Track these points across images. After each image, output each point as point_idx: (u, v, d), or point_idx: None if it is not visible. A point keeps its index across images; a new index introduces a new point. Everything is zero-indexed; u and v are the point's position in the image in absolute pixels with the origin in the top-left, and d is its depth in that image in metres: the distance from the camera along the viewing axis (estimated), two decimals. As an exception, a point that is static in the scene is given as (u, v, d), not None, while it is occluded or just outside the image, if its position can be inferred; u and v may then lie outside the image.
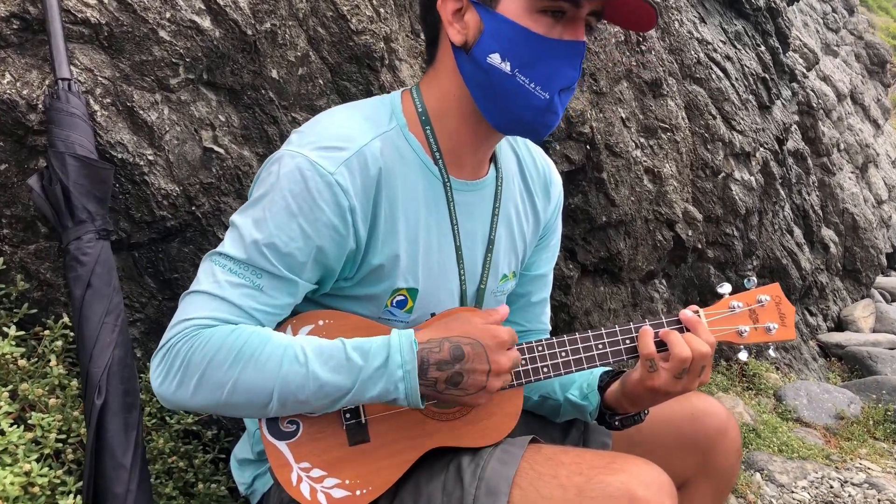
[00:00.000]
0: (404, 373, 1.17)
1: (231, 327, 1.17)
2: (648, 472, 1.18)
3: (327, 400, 1.18)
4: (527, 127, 1.28)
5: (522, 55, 1.21)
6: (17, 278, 1.51)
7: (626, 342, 1.36)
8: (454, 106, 1.32)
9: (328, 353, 1.18)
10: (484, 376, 1.20)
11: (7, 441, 1.28)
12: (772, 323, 1.41)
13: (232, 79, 1.71)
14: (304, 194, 1.19)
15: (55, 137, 1.39)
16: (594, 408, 1.47)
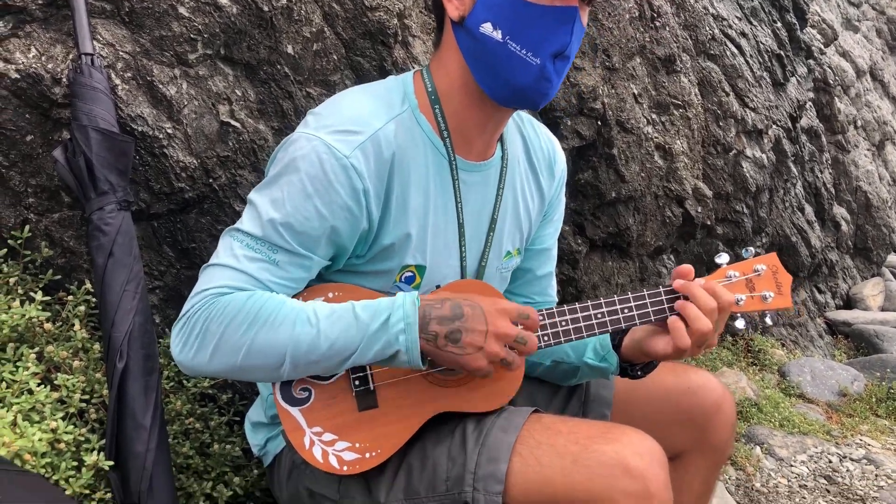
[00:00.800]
0: (406, 325, 1.22)
1: (247, 293, 1.23)
2: (641, 441, 1.23)
3: (337, 358, 1.23)
4: (522, 95, 1.31)
5: (512, 22, 1.24)
6: (42, 245, 1.57)
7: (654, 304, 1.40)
8: (458, 84, 1.36)
9: (338, 314, 1.23)
10: (482, 336, 1.24)
11: (35, 400, 1.35)
12: (768, 291, 1.45)
13: (248, 54, 1.75)
14: (321, 176, 1.24)
15: (79, 111, 1.45)
16: (615, 367, 1.51)
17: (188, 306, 1.25)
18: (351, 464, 1.31)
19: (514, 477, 1.23)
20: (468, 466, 1.26)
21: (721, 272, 1.46)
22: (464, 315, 1.24)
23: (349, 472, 1.31)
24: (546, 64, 1.26)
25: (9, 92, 1.47)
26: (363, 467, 1.31)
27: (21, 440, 1.24)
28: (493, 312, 1.26)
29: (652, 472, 1.19)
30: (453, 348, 1.24)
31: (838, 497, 3.01)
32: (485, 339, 1.24)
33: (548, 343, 1.36)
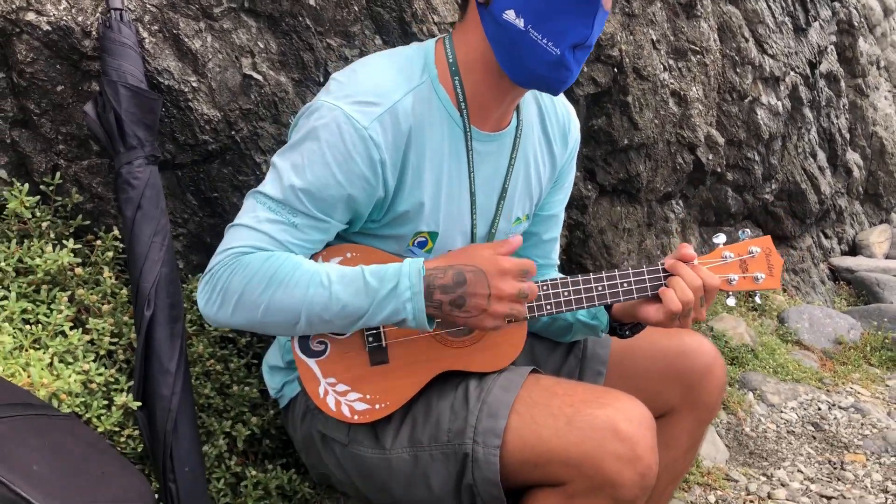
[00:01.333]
0: (412, 294, 1.30)
1: (266, 254, 1.30)
2: (632, 407, 1.32)
3: (348, 320, 1.31)
4: (542, 81, 1.36)
5: (535, 12, 1.27)
6: (73, 191, 1.65)
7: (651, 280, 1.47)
8: (479, 59, 1.40)
9: (349, 278, 1.31)
10: (484, 300, 1.31)
11: (69, 343, 1.45)
12: (760, 273, 1.52)
13: (272, 6, 1.78)
14: (340, 146, 1.30)
15: (108, 66, 1.50)
16: (605, 325, 1.60)
17: (213, 263, 1.33)
18: (361, 413, 1.41)
19: (511, 433, 1.33)
20: (469, 421, 1.36)
21: (717, 252, 1.52)
22: (466, 281, 1.31)
23: (359, 420, 1.41)
24: (566, 54, 1.29)
25: (41, 43, 1.52)
26: (372, 417, 1.41)
27: (58, 381, 1.34)
28: (495, 275, 1.32)
29: (640, 436, 1.28)
30: (459, 313, 1.32)
31: (823, 444, 3.15)
32: (488, 302, 1.31)
33: (549, 311, 1.44)
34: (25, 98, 1.56)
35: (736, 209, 4.38)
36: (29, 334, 1.44)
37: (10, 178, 1.61)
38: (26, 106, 1.57)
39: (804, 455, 3.03)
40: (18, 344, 1.41)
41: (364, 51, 1.99)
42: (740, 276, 1.51)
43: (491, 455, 1.33)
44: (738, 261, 1.52)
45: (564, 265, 3.38)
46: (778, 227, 4.89)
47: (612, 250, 3.43)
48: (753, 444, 3.07)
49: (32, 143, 1.61)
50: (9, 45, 1.51)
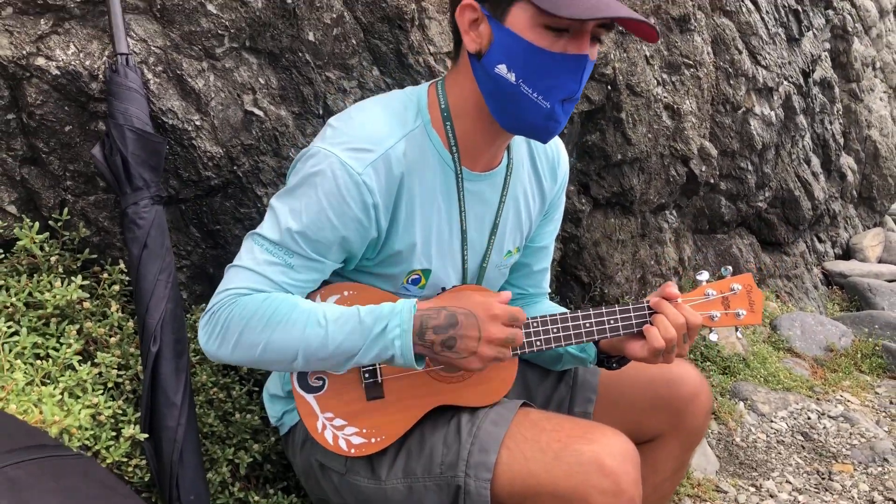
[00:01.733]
0: (401, 332, 1.35)
1: (264, 295, 1.37)
2: (616, 442, 1.39)
3: (343, 357, 1.37)
4: (531, 131, 1.42)
5: (526, 67, 1.32)
6: (80, 225, 1.71)
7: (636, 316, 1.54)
8: (471, 105, 1.45)
9: (345, 318, 1.37)
10: (474, 342, 1.37)
11: (78, 377, 1.51)
12: (741, 309, 1.59)
13: (272, 43, 1.84)
14: (335, 191, 1.36)
15: (115, 109, 1.55)
16: (592, 358, 1.67)
17: (213, 302, 1.39)
18: (357, 447, 1.48)
19: (501, 467, 1.40)
20: (461, 454, 1.43)
21: (700, 290, 1.59)
22: (458, 323, 1.37)
23: (356, 454, 1.48)
24: (555, 107, 1.35)
25: (50, 86, 1.57)
26: (368, 451, 1.48)
27: (68, 418, 1.40)
28: (486, 319, 1.38)
29: (623, 471, 1.35)
30: (449, 353, 1.38)
31: (812, 454, 3.21)
32: (478, 345, 1.38)
33: (539, 348, 1.50)
34: (35, 137, 1.62)
35: (729, 217, 4.44)
36: (40, 369, 1.50)
37: (20, 214, 1.67)
38: (35, 145, 1.63)
39: (793, 465, 3.10)
40: (30, 379, 1.48)
41: (362, 82, 2.05)
42: (722, 313, 1.58)
43: (482, 488, 1.39)
44: (720, 298, 1.58)
45: (559, 277, 3.44)
46: (771, 234, 4.95)
47: (606, 261, 3.49)
48: (743, 454, 3.14)
49: (41, 180, 1.67)
50: (19, 89, 1.57)
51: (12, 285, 1.59)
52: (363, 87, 2.06)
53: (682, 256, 4.15)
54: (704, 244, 4.48)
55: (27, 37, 1.54)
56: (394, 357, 1.37)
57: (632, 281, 3.71)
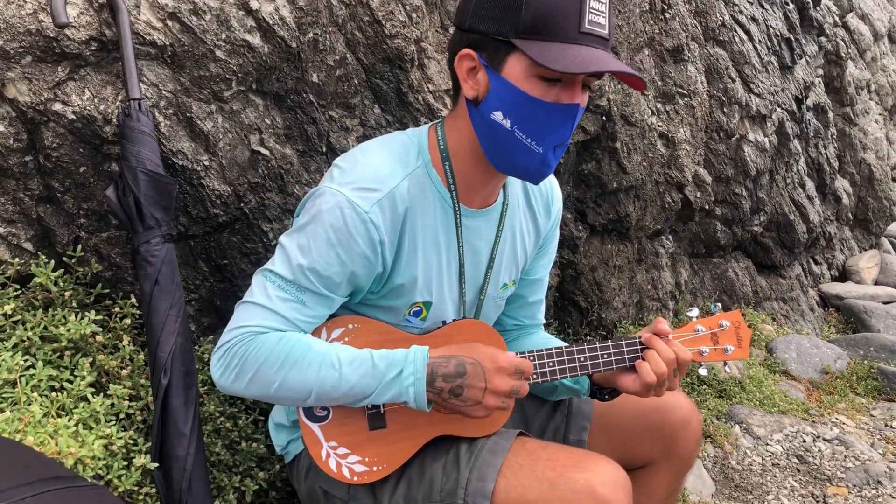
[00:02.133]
0: (415, 380, 1.44)
1: (280, 334, 1.44)
2: (609, 471, 1.45)
3: (355, 398, 1.45)
4: (524, 173, 1.50)
5: (521, 115, 1.40)
6: (93, 261, 1.78)
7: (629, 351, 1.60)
8: (468, 147, 1.53)
9: (359, 361, 1.45)
10: (480, 392, 1.46)
11: (91, 408, 1.58)
12: (729, 345, 1.66)
13: (277, 85, 1.92)
14: (343, 229, 1.43)
15: (128, 152, 1.63)
16: (586, 390, 1.74)
17: (227, 338, 1.45)
18: (360, 475, 1.54)
19: (498, 495, 1.46)
20: (460, 482, 1.49)
21: (690, 326, 1.65)
22: (466, 373, 1.46)
23: (358, 482, 1.54)
24: (548, 153, 1.43)
25: (66, 130, 1.65)
26: (370, 479, 1.54)
27: (83, 449, 1.47)
28: (492, 370, 1.48)
29: (616, 499, 1.41)
30: (456, 401, 1.46)
31: (807, 476, 3.26)
32: (483, 395, 1.47)
33: (535, 381, 1.57)
34: (51, 178, 1.70)
35: (725, 241, 4.51)
36: (55, 401, 1.56)
37: (36, 251, 1.74)
38: (51, 185, 1.70)
39: (788, 488, 3.15)
40: (46, 411, 1.54)
41: (364, 120, 2.13)
42: (711, 349, 1.64)
43: (480, 515, 1.45)
44: (709, 334, 1.65)
45: (557, 302, 3.51)
46: (767, 257, 5.02)
47: (603, 287, 3.56)
48: (739, 476, 3.19)
49: (56, 218, 1.74)
50: (37, 132, 1.64)
51: (28, 320, 1.66)
52: (365, 124, 2.14)
53: (678, 281, 4.22)
54: (701, 268, 4.55)
55: (45, 83, 1.61)
56: (407, 402, 1.46)
57: (629, 306, 3.78)
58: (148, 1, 1.69)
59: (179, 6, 1.71)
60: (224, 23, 1.77)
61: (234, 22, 1.79)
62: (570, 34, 1.33)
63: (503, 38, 1.36)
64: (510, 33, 1.35)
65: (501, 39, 1.37)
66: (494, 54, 1.40)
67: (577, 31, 1.33)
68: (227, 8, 1.78)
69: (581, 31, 1.33)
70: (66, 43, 1.60)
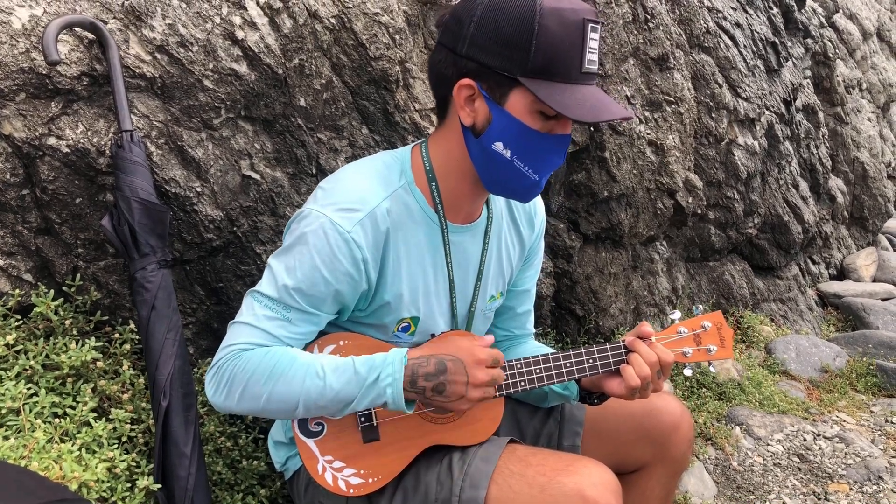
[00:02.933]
0: (392, 380, 1.48)
1: (266, 349, 1.48)
2: (598, 474, 1.49)
3: (340, 405, 1.49)
4: (516, 195, 1.57)
5: (521, 146, 1.47)
6: (91, 289, 1.83)
7: (614, 355, 1.65)
8: (457, 167, 1.58)
9: (342, 369, 1.49)
10: (463, 387, 1.50)
11: (94, 433, 1.62)
12: (712, 345, 1.70)
13: (265, 111, 1.97)
14: (326, 249, 1.48)
15: (122, 182, 1.68)
16: (575, 395, 1.79)
17: (218, 357, 1.50)
18: (356, 487, 1.58)
19: (491, 502, 1.49)
20: (454, 490, 1.53)
21: (673, 328, 1.70)
22: (447, 370, 1.50)
23: (354, 494, 1.58)
24: (542, 179, 1.50)
25: (61, 163, 1.70)
26: (366, 490, 1.58)
27: (86, 473, 1.51)
28: (472, 364, 1.52)
29: (605, 501, 1.44)
30: (440, 397, 1.50)
31: (808, 475, 3.29)
32: (466, 389, 1.51)
33: (524, 388, 1.62)
34: (48, 210, 1.75)
35: (720, 245, 4.55)
36: (58, 427, 1.61)
37: (36, 281, 1.79)
38: (49, 216, 1.76)
39: (789, 487, 3.17)
40: (49, 437, 1.59)
41: (352, 141, 2.18)
42: (694, 349, 1.69)
43: (474, 522, 1.49)
44: (691, 335, 1.69)
45: (554, 311, 3.55)
46: (763, 259, 5.05)
47: (599, 294, 3.60)
48: (741, 478, 3.22)
49: (54, 249, 1.79)
50: (33, 166, 1.70)
51: (30, 349, 1.70)
52: (353, 145, 2.19)
53: (674, 286, 4.25)
54: (697, 272, 4.58)
55: (39, 119, 1.67)
56: (386, 403, 1.49)
57: (626, 312, 3.82)
58: (136, 35, 1.75)
59: (167, 39, 1.77)
60: (211, 53, 1.83)
61: (220, 52, 1.84)
62: (573, 75, 1.39)
63: (509, 75, 1.41)
64: (517, 71, 1.40)
65: (507, 76, 1.42)
66: (497, 87, 1.44)
67: (579, 73, 1.40)
68: (214, 38, 1.84)
69: (582, 72, 1.40)
70: (59, 79, 1.66)
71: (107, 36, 1.68)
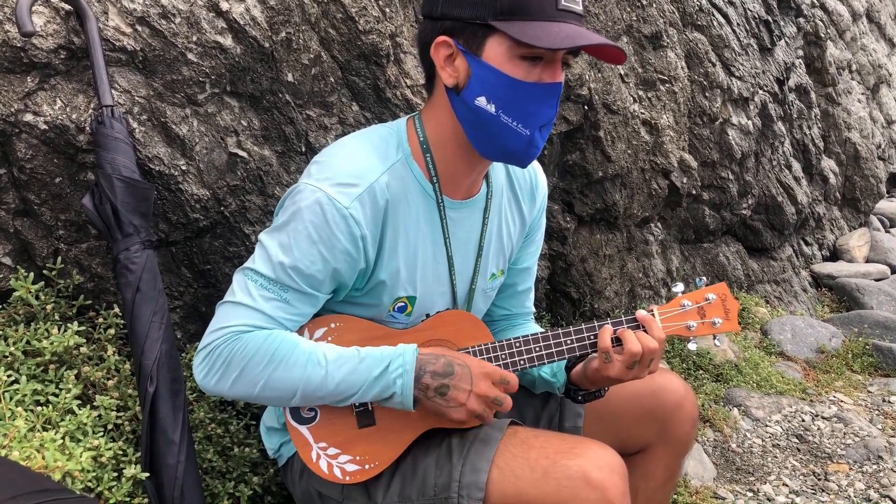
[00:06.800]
0: (403, 371, 1.43)
1: (266, 333, 1.42)
2: (602, 455, 1.43)
3: (341, 396, 1.44)
4: (511, 157, 1.49)
5: (505, 98, 1.39)
6: (73, 272, 1.76)
7: (590, 338, 1.59)
8: (450, 136, 1.52)
9: (345, 358, 1.44)
10: (465, 395, 1.46)
11: (78, 421, 1.56)
12: (717, 318, 1.64)
13: (252, 86, 1.90)
14: (324, 225, 1.41)
15: (102, 160, 1.61)
16: (561, 384, 1.72)
17: (210, 339, 1.43)
18: (352, 474, 1.52)
19: (492, 486, 1.44)
20: (453, 475, 1.47)
21: (676, 301, 1.64)
22: (454, 373, 1.45)
23: (351, 481, 1.52)
24: (534, 134, 1.42)
25: (39, 141, 1.63)
26: (363, 477, 1.52)
27: (70, 462, 1.44)
28: (479, 375, 1.47)
29: (610, 483, 1.40)
30: (440, 400, 1.46)
31: (807, 455, 3.26)
32: (467, 397, 1.46)
33: (523, 366, 1.56)
34: (26, 190, 1.67)
35: (714, 226, 4.51)
36: (40, 415, 1.54)
37: (15, 265, 1.72)
38: (27, 197, 1.68)
39: (789, 468, 3.14)
40: (31, 426, 1.52)
41: (342, 118, 2.12)
42: (699, 322, 1.63)
43: (475, 507, 1.44)
44: (695, 308, 1.64)
45: (549, 294, 3.50)
46: (757, 240, 5.02)
47: (594, 277, 3.55)
48: (740, 459, 3.18)
49: (34, 231, 1.72)
50: (9, 144, 1.62)
51: (10, 335, 1.63)
52: (343, 122, 2.12)
53: (669, 268, 4.21)
54: (691, 254, 4.54)
55: (14, 94, 1.59)
56: (394, 395, 1.44)
57: (621, 295, 3.77)
58: (116, 6, 1.67)
59: (148, 10, 1.70)
60: (194, 25, 1.75)
61: (204, 24, 1.77)
62: (548, 12, 1.33)
63: (481, 22, 1.35)
64: (488, 16, 1.34)
65: (479, 23, 1.36)
66: (472, 38, 1.38)
67: (554, 9, 1.33)
68: (197, 10, 1.76)
69: (559, 9, 1.33)
70: (34, 52, 1.58)
71: (84, 7, 1.60)
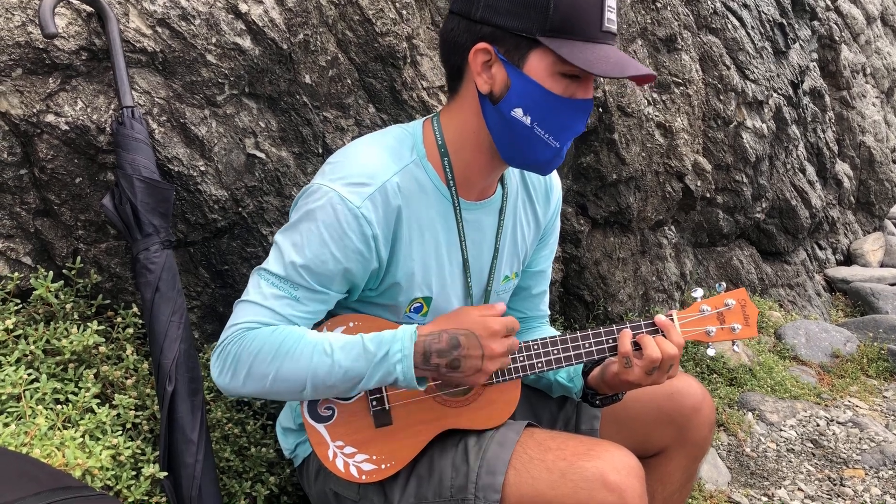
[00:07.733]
0: (402, 356, 1.41)
1: (272, 328, 1.42)
2: (620, 458, 1.43)
3: (349, 383, 1.43)
4: (536, 167, 1.50)
5: (542, 112, 1.40)
6: (92, 272, 1.77)
7: (609, 341, 1.59)
8: (472, 139, 1.52)
9: (350, 345, 1.43)
10: (479, 360, 1.43)
11: (97, 419, 1.56)
12: (736, 324, 1.64)
13: (270, 88, 1.91)
14: (335, 225, 1.42)
15: (123, 160, 1.62)
16: (578, 389, 1.72)
17: (223, 337, 1.45)
18: (368, 474, 1.52)
19: (509, 488, 1.44)
20: (470, 477, 1.47)
21: (695, 307, 1.64)
22: (461, 345, 1.43)
23: (367, 480, 1.52)
24: (563, 147, 1.44)
25: (60, 141, 1.64)
26: (379, 477, 1.52)
27: (90, 460, 1.45)
28: (486, 336, 1.44)
29: (627, 484, 1.39)
30: (455, 374, 1.44)
31: (822, 460, 3.24)
32: (482, 362, 1.44)
33: (541, 369, 1.56)
34: (47, 190, 1.69)
35: (728, 230, 4.49)
36: (60, 413, 1.55)
37: (35, 264, 1.73)
38: (48, 197, 1.70)
39: (804, 473, 3.13)
40: (51, 424, 1.53)
41: (359, 119, 2.12)
42: (718, 328, 1.63)
43: (491, 510, 1.44)
44: (715, 314, 1.63)
45: (563, 297, 3.49)
46: (771, 244, 5.00)
47: (607, 280, 3.54)
48: (754, 464, 3.17)
49: (54, 231, 1.73)
50: (31, 145, 1.64)
51: (30, 334, 1.65)
52: (360, 124, 2.13)
53: (683, 271, 4.20)
54: (705, 257, 4.53)
55: (37, 95, 1.61)
56: (397, 380, 1.43)
57: (634, 298, 3.76)
58: (137, 8, 1.69)
59: (168, 12, 1.71)
60: (214, 27, 1.76)
61: (223, 25, 1.78)
62: (593, 33, 1.34)
63: (527, 35, 1.35)
64: (536, 31, 1.34)
65: (525, 36, 1.36)
66: (515, 50, 1.38)
67: (598, 31, 1.34)
68: (217, 12, 1.77)
69: (602, 31, 1.34)
70: (56, 54, 1.60)
71: (106, 8, 1.62)
